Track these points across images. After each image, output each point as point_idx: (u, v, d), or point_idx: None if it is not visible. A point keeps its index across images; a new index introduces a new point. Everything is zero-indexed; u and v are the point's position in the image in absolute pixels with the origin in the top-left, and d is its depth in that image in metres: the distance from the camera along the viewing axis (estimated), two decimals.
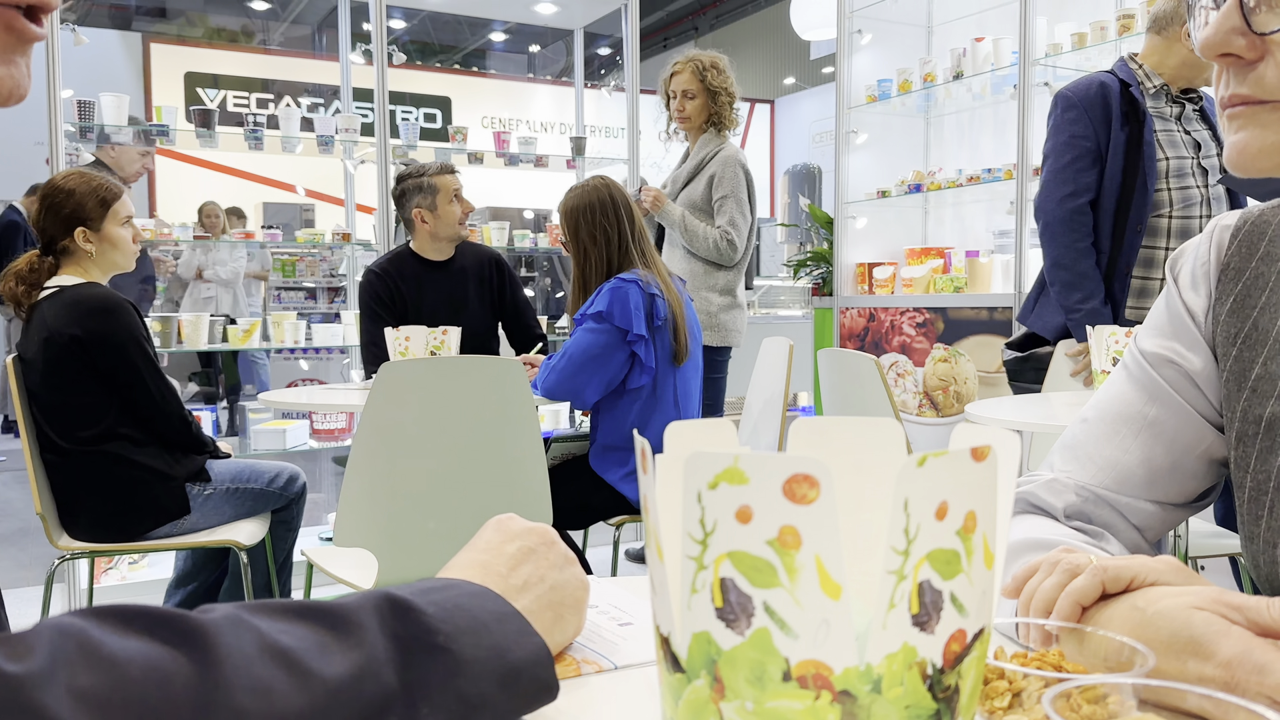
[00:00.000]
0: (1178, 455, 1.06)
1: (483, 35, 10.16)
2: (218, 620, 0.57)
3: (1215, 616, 0.73)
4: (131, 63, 9.28)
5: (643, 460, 0.57)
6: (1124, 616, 0.77)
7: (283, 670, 0.57)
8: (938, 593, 0.52)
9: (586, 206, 3.23)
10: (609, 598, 1.01)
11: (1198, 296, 1.06)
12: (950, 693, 0.54)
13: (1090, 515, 1.07)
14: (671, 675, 0.56)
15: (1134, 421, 1.08)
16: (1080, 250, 3.33)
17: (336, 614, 0.62)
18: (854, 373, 3.33)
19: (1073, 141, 3.33)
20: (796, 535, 0.50)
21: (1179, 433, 1.06)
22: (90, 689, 0.50)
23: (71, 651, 0.51)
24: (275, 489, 3.25)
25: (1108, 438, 1.09)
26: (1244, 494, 1.00)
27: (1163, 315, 1.10)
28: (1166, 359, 1.07)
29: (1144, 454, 1.07)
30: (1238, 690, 0.69)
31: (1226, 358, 1.02)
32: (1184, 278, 1.08)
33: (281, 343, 4.63)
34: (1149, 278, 3.39)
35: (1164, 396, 1.07)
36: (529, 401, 2.76)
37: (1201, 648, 0.71)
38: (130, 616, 0.55)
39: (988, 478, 0.53)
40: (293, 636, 0.59)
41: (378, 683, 0.60)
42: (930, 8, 6.12)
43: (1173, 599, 0.75)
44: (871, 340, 5.75)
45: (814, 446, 0.72)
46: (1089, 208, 3.35)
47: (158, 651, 0.54)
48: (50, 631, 0.52)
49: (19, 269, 3.01)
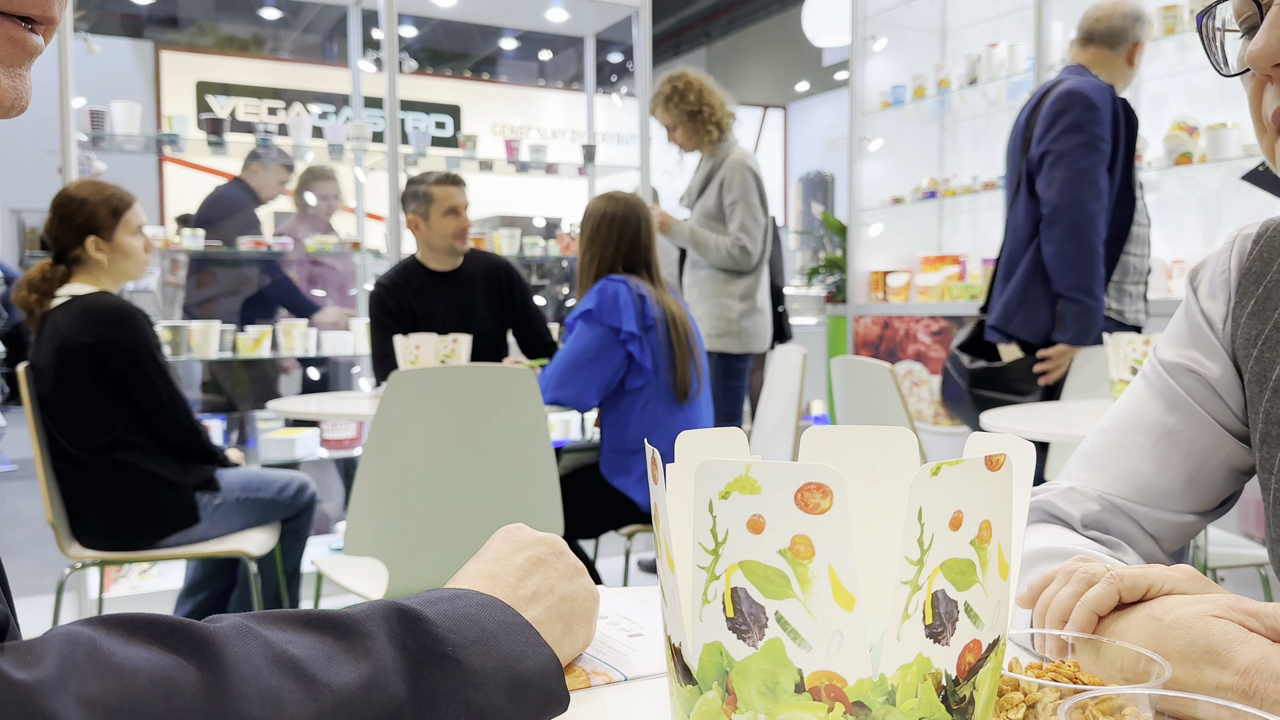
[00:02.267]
0: (1196, 464, 1.06)
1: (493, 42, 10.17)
2: (226, 630, 0.57)
3: (1233, 625, 0.72)
4: (143, 71, 9.32)
5: (653, 469, 0.56)
6: (1140, 626, 0.77)
7: (291, 680, 0.57)
8: (952, 603, 0.51)
9: (605, 214, 3.25)
10: (619, 608, 1.00)
11: (1216, 304, 1.07)
12: (965, 704, 0.53)
13: (1107, 525, 1.07)
14: (683, 687, 0.56)
15: (1152, 430, 1.08)
16: (1100, 255, 3.35)
17: (345, 624, 0.62)
18: (868, 381, 3.32)
19: (1095, 143, 3.34)
20: (809, 545, 0.49)
21: (1197, 441, 1.06)
22: (99, 697, 0.50)
23: (80, 660, 0.51)
24: (285, 498, 3.25)
25: (1125, 447, 1.09)
26: (1269, 495, 1.00)
27: (1181, 325, 1.10)
28: (1186, 368, 1.08)
29: (1162, 463, 1.07)
30: (1256, 698, 0.68)
31: (1247, 359, 1.02)
32: (1203, 288, 1.09)
33: (291, 351, 4.64)
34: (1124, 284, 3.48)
35: (1183, 405, 1.07)
36: (540, 410, 2.75)
37: (1219, 656, 0.71)
38: (139, 625, 0.55)
39: (1002, 487, 0.53)
40: (301, 646, 0.59)
41: (386, 693, 0.60)
42: (944, 13, 6.12)
43: (1190, 607, 0.75)
44: (886, 348, 5.74)
45: (826, 455, 0.72)
46: (1106, 211, 3.37)
47: (166, 660, 0.54)
48: (59, 640, 0.52)
49: (31, 277, 3.02)
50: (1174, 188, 4.69)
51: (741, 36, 14.39)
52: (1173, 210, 4.74)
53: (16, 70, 0.59)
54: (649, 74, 5.17)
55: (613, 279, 3.15)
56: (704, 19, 14.20)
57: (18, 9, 0.58)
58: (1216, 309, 1.07)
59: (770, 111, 14.60)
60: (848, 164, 6.00)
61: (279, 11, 9.22)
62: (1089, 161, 3.34)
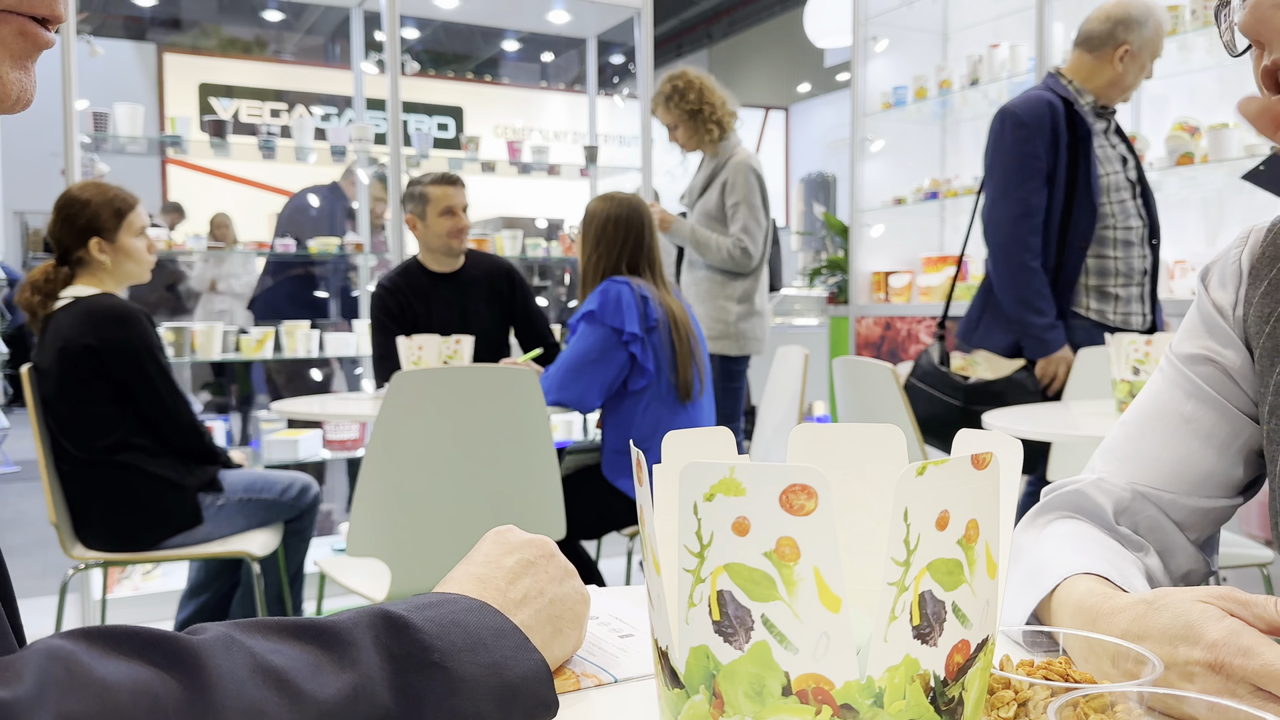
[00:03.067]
0: (1217, 449, 1.08)
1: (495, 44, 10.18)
2: (208, 641, 0.57)
3: (1213, 607, 0.74)
4: (146, 73, 9.33)
5: (638, 471, 0.56)
6: (1132, 610, 0.79)
7: (274, 692, 0.56)
8: (940, 604, 0.51)
9: (608, 216, 3.25)
10: (610, 609, 1.00)
11: (1226, 293, 1.09)
12: (954, 705, 0.53)
13: (1137, 515, 1.08)
14: (670, 690, 0.56)
15: (1171, 418, 1.10)
16: (1034, 270, 3.38)
17: (330, 632, 0.62)
18: (870, 382, 3.32)
19: (1025, 162, 3.39)
20: (795, 547, 0.49)
21: (1217, 427, 1.08)
22: (79, 714, 0.49)
23: (60, 676, 0.50)
24: (288, 499, 3.25)
25: (1146, 436, 1.11)
26: (1275, 467, 1.01)
27: (1195, 319, 1.13)
28: (1203, 357, 1.10)
29: (1183, 450, 1.09)
30: (1223, 672, 0.70)
31: (1260, 336, 1.04)
32: (1213, 281, 1.11)
33: (294, 353, 4.64)
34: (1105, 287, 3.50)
35: (1200, 393, 1.09)
36: (542, 411, 2.75)
37: (1192, 632, 0.73)
38: (120, 639, 0.55)
39: (989, 485, 0.52)
40: (285, 657, 0.58)
41: (372, 703, 0.59)
42: (946, 14, 6.11)
43: (1181, 594, 0.77)
44: (888, 349, 5.73)
45: (815, 454, 0.72)
46: (1040, 227, 3.38)
47: (147, 674, 0.53)
48: (39, 656, 0.51)
49: (34, 279, 3.02)
50: (1175, 188, 4.67)
51: (743, 38, 14.39)
52: (1174, 211, 4.73)
53: (25, 64, 0.60)
54: (651, 75, 5.16)
55: (616, 280, 3.15)
56: (706, 20, 14.20)
57: (29, 9, 0.59)
58: (1226, 297, 1.09)
59: (772, 113, 14.60)
60: (849, 165, 5.99)
61: (281, 14, 9.23)
62: (1016, 180, 3.39)
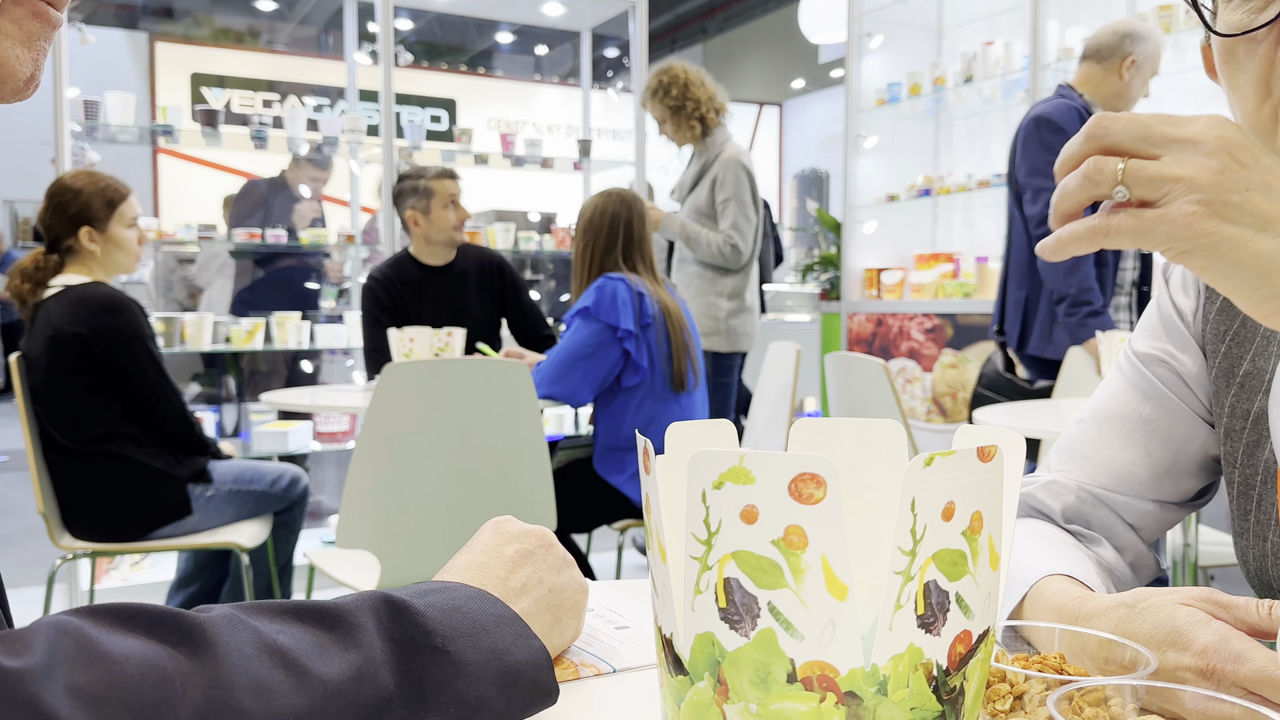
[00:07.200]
0: (1173, 453, 1.08)
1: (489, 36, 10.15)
2: (216, 619, 0.57)
3: (1198, 611, 0.74)
4: (137, 62, 9.28)
5: (644, 460, 0.56)
6: (1112, 613, 0.79)
7: (281, 670, 0.57)
8: (944, 594, 0.52)
9: (599, 208, 3.25)
10: (605, 601, 1.01)
11: (1187, 298, 1.08)
12: (955, 694, 0.53)
13: (1088, 516, 1.08)
14: (674, 677, 0.56)
15: (1128, 420, 1.09)
16: (1085, 258, 3.39)
17: (334, 615, 0.62)
18: (862, 378, 3.33)
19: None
20: (803, 535, 0.49)
21: (1173, 430, 1.08)
22: (87, 685, 0.50)
23: (69, 648, 0.51)
24: (277, 491, 3.24)
25: (1103, 437, 1.11)
26: (1233, 489, 1.02)
27: (1154, 317, 1.12)
28: (1159, 359, 1.09)
29: (1139, 452, 1.08)
30: (1214, 678, 0.70)
31: (1215, 354, 1.04)
32: (1175, 281, 1.11)
33: (285, 344, 4.63)
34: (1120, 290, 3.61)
35: (1158, 395, 1.08)
36: (533, 404, 2.75)
37: (1181, 638, 0.72)
38: (128, 615, 0.55)
39: (994, 478, 0.53)
40: (290, 637, 0.59)
41: (375, 684, 0.60)
42: (940, 11, 6.12)
43: (1161, 596, 0.77)
44: (880, 345, 5.74)
45: (816, 447, 0.72)
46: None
47: (155, 649, 0.53)
48: (48, 629, 0.51)
49: (24, 266, 3.01)
50: None
51: (738, 33, 14.37)
52: None
53: (38, 45, 0.60)
54: (645, 69, 5.16)
55: (611, 277, 3.14)
56: (700, 15, 14.18)
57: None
58: (1188, 303, 1.08)
59: (766, 108, 14.60)
60: (843, 161, 6.00)
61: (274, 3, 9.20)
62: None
